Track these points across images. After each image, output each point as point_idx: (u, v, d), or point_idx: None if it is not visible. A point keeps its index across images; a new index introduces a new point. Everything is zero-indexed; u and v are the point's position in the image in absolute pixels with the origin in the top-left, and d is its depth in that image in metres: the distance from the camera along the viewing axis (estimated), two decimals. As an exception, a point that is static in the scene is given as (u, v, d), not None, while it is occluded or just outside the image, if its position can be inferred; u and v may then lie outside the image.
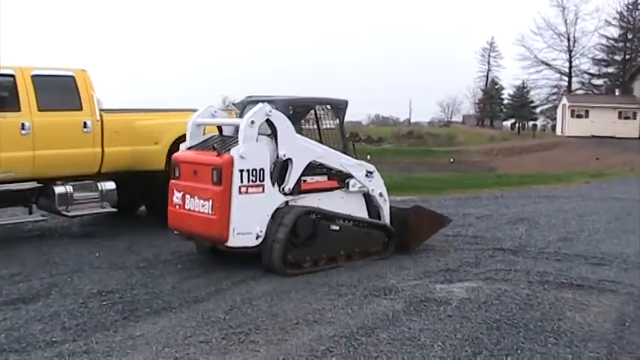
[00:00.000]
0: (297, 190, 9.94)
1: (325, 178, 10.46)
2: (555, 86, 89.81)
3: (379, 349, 6.50)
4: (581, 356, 6.53)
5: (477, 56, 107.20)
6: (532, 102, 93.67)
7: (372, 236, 10.73)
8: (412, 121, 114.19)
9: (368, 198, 10.90)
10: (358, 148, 12.23)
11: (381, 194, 10.95)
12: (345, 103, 11.31)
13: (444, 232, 12.20)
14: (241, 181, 9.29)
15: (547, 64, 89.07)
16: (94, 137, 11.85)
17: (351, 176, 10.61)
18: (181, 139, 12.60)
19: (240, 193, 9.29)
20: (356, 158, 10.90)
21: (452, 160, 43.18)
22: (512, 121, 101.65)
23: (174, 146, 12.58)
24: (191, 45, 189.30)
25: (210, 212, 9.37)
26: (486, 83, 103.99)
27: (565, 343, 6.86)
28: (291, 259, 9.54)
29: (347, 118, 11.36)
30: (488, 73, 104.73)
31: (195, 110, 14.22)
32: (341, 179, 10.59)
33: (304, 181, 10.06)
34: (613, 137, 54.30)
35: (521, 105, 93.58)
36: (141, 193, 13.15)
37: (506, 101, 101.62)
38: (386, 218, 11.02)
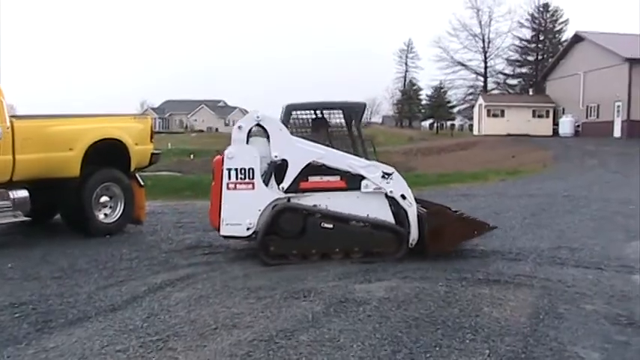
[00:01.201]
0: (296, 188, 10.70)
1: (337, 178, 10.86)
2: (471, 86, 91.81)
3: (299, 351, 6.48)
4: (498, 351, 6.64)
5: (394, 57, 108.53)
6: (449, 102, 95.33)
7: (376, 237, 10.72)
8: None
9: (393, 200, 10.87)
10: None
11: (403, 196, 10.80)
12: (359, 106, 11.79)
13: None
14: (229, 178, 10.58)
15: (463, 65, 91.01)
16: (4, 144, 11.48)
17: (363, 177, 10.78)
18: (97, 144, 12.44)
19: (228, 188, 10.59)
20: (373, 160, 11.05)
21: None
22: (431, 121, 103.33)
23: (90, 152, 12.38)
24: (108, 50, 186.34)
25: (210, 205, 10.91)
26: (404, 84, 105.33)
27: (482, 339, 6.96)
28: (274, 251, 10.42)
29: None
30: (406, 74, 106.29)
31: (112, 115, 14.10)
32: (352, 180, 10.81)
33: (306, 180, 10.75)
34: (528, 135, 55.59)
35: (439, 105, 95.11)
36: (55, 201, 12.85)
37: (424, 102, 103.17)
38: (411, 221, 10.77)
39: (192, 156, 42.93)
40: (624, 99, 50.54)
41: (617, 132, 51.42)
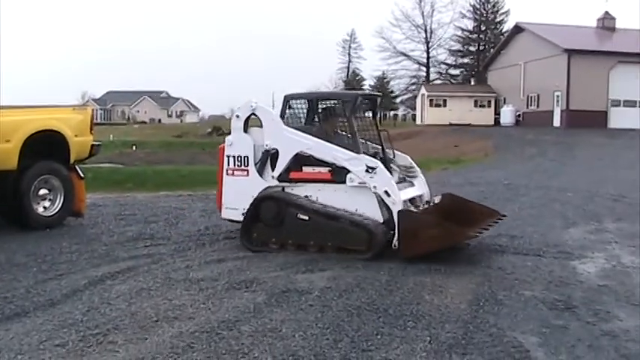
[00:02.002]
0: (286, 177, 10.86)
1: (327, 170, 10.74)
2: (414, 76, 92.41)
3: (241, 342, 6.46)
4: (439, 337, 6.72)
5: (338, 48, 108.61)
6: (392, 92, 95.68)
7: (349, 233, 10.19)
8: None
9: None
10: (220, 141, 12.14)
11: (387, 192, 10.18)
12: (351, 96, 11.58)
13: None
14: (228, 165, 11.23)
15: (406, 55, 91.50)
16: (-61, 137, 11.22)
17: (348, 170, 10.48)
18: (34, 136, 12.21)
19: (227, 174, 11.28)
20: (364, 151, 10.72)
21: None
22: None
23: (28, 144, 12.15)
24: (49, 40, 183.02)
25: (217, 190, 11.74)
26: (347, 74, 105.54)
27: (423, 326, 7.03)
28: (256, 237, 10.75)
29: (210, 111, 11.46)
30: (349, 65, 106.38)
31: (51, 106, 13.82)
32: (339, 173, 10.57)
33: (299, 170, 10.85)
34: (470, 125, 56.21)
35: (382, 95, 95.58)
36: (-8, 194, 12.57)
37: (367, 92, 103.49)
38: (396, 220, 10.09)
39: (134, 147, 42.45)
40: (563, 89, 51.42)
41: (556, 121, 52.30)
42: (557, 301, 8.06)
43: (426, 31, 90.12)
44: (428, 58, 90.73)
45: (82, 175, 13.35)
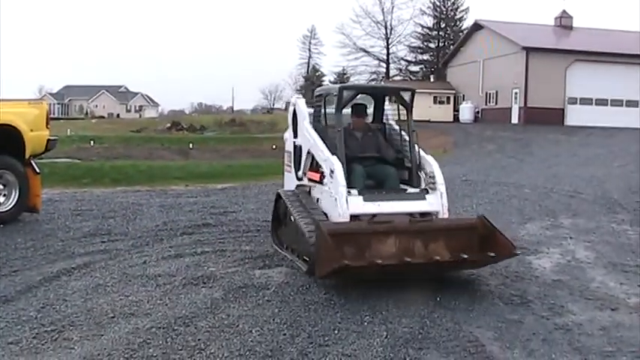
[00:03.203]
0: (302, 177, 10.56)
1: (321, 170, 9.68)
2: (374, 72, 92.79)
3: (197, 337, 6.43)
4: (396, 332, 6.76)
5: (298, 44, 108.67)
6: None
7: (302, 241, 9.11)
8: (235, 108, 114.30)
9: None
10: (179, 136, 12.07)
11: (336, 200, 8.98)
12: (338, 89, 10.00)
13: (264, 218, 12.28)
14: (284, 159, 11.55)
15: (366, 52, 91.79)
16: None
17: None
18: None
19: (284, 170, 11.51)
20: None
21: (274, 146, 43.45)
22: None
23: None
24: (3, 34, 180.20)
25: None
26: (308, 70, 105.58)
27: (380, 321, 7.07)
28: (279, 236, 10.56)
29: (169, 106, 11.16)
30: (309, 60, 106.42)
31: (5, 100, 13.60)
32: (323, 175, 9.52)
33: (313, 169, 10.10)
34: (429, 121, 56.48)
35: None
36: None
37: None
38: None
39: (92, 142, 41.99)
40: (521, 86, 52.02)
41: (514, 118, 52.89)
42: (512, 295, 8.16)
43: (386, 27, 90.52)
44: (388, 54, 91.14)
45: (38, 170, 13.16)
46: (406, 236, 8.64)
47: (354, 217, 8.84)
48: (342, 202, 8.81)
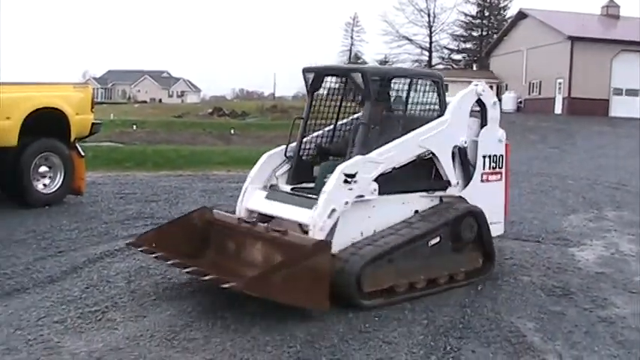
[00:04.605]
0: None
1: None
2: (416, 61, 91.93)
3: (239, 321, 6.49)
4: (436, 321, 6.78)
5: (340, 31, 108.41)
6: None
7: None
8: (277, 95, 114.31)
9: None
10: (221, 122, 12.09)
11: None
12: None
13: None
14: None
15: (408, 39, 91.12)
16: (-62, 112, 11.20)
17: None
18: (35, 113, 12.19)
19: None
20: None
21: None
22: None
23: (28, 121, 12.13)
24: (50, 19, 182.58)
25: None
26: (350, 57, 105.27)
27: (421, 309, 7.10)
28: None
29: (211, 92, 10.75)
30: (351, 48, 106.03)
31: (51, 84, 13.79)
32: None
33: None
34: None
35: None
36: (-8, 171, 12.55)
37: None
38: None
39: (134, 127, 42.32)
40: (565, 76, 51.37)
41: (558, 109, 52.26)
42: (554, 287, 8.11)
43: (429, 15, 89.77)
44: (430, 42, 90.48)
45: (82, 154, 13.32)
46: (243, 241, 7.87)
47: (251, 212, 8.19)
48: (241, 195, 8.42)
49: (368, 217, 7.48)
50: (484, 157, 8.64)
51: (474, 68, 75.01)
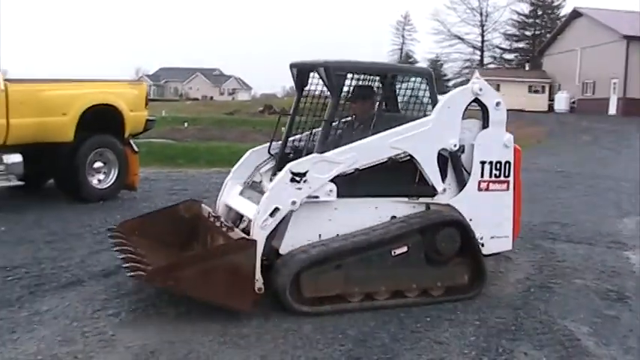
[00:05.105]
0: None
1: None
2: (468, 60, 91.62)
3: (291, 320, 6.53)
4: (488, 322, 6.72)
5: (391, 29, 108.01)
6: (445, 75, 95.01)
7: None
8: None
9: None
10: (272, 120, 12.13)
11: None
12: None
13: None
14: None
15: (460, 39, 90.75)
16: (-2, 108, 11.45)
17: None
18: (91, 109, 12.40)
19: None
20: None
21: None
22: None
23: (84, 117, 12.34)
24: (103, 16, 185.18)
25: None
26: (400, 57, 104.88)
27: (473, 310, 7.05)
28: None
29: (262, 89, 10.49)
30: (402, 47, 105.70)
31: (107, 81, 14.04)
32: None
33: None
34: (523, 110, 55.44)
35: (434, 78, 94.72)
36: (49, 166, 12.79)
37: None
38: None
39: (186, 124, 42.73)
40: (621, 76, 50.55)
41: (612, 109, 51.46)
42: (609, 291, 7.99)
43: (481, 14, 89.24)
44: (482, 41, 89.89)
45: (136, 150, 13.51)
46: (207, 236, 7.82)
47: (228, 207, 8.06)
48: (221, 190, 8.32)
49: (328, 219, 7.05)
50: (482, 163, 7.66)
51: (527, 68, 74.08)
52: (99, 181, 12.81)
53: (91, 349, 5.74)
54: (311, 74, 8.03)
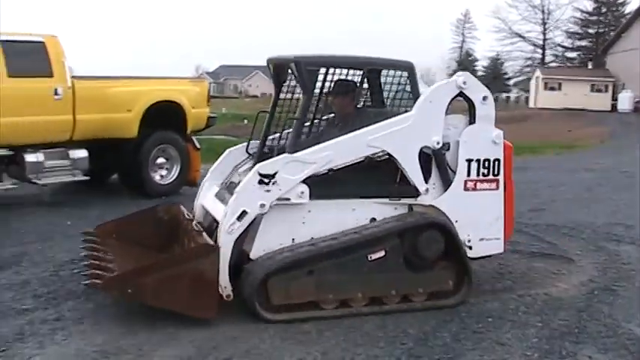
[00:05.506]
0: None
1: None
2: (529, 58, 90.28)
3: (352, 319, 6.55)
4: (551, 324, 6.63)
5: (451, 27, 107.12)
6: (505, 74, 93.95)
7: None
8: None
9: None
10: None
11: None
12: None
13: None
14: None
15: (521, 37, 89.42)
16: (65, 104, 11.71)
17: None
18: (154, 106, 12.62)
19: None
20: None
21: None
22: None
23: (147, 114, 12.56)
24: (162, 14, 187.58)
25: None
26: (460, 55, 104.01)
27: (535, 312, 6.96)
28: None
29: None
30: (462, 45, 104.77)
31: (170, 78, 14.26)
32: None
33: None
34: (585, 110, 54.56)
35: (494, 77, 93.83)
36: (113, 161, 13.04)
37: (479, 73, 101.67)
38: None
39: (245, 121, 42.94)
40: (687, 75, 49.39)
41: (678, 109, 50.32)
42: (677, 295, 7.81)
43: (543, 11, 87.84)
44: (544, 39, 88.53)
45: (198, 146, 13.69)
46: (181, 238, 7.57)
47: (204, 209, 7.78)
48: (199, 190, 8.14)
49: (302, 222, 6.69)
50: (469, 161, 7.18)
51: (589, 67, 72.83)
52: (161, 176, 13.04)
53: (155, 342, 5.86)
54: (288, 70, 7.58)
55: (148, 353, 5.67)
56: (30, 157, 11.36)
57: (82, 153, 11.94)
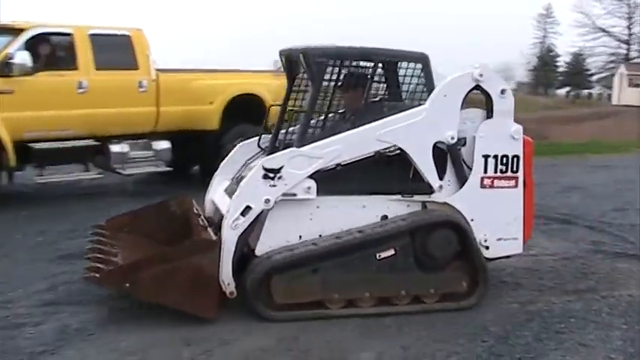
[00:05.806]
0: None
1: None
2: (613, 54, 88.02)
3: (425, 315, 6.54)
4: (635, 326, 6.47)
5: (532, 22, 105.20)
6: (588, 70, 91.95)
7: None
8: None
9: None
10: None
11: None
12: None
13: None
14: None
15: (605, 31, 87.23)
16: (149, 96, 12.01)
17: None
18: (236, 99, 12.78)
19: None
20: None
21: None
22: (567, 89, 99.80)
23: (229, 106, 12.72)
24: (242, 7, 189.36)
25: None
26: (541, 50, 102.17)
27: (619, 313, 6.79)
28: None
29: None
30: (544, 40, 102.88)
31: (252, 71, 14.39)
32: None
33: None
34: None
35: (576, 73, 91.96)
36: (194, 153, 13.25)
37: (561, 69, 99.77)
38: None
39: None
40: None
41: None
42: None
43: (629, 5, 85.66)
44: (629, 34, 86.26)
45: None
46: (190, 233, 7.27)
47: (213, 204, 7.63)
48: (210, 185, 7.95)
49: (309, 218, 6.49)
50: (486, 157, 6.87)
51: (677, 63, 70.84)
52: (241, 169, 13.15)
53: (242, 330, 5.98)
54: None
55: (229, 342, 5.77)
56: (115, 148, 11.68)
57: (165, 144, 12.19)
